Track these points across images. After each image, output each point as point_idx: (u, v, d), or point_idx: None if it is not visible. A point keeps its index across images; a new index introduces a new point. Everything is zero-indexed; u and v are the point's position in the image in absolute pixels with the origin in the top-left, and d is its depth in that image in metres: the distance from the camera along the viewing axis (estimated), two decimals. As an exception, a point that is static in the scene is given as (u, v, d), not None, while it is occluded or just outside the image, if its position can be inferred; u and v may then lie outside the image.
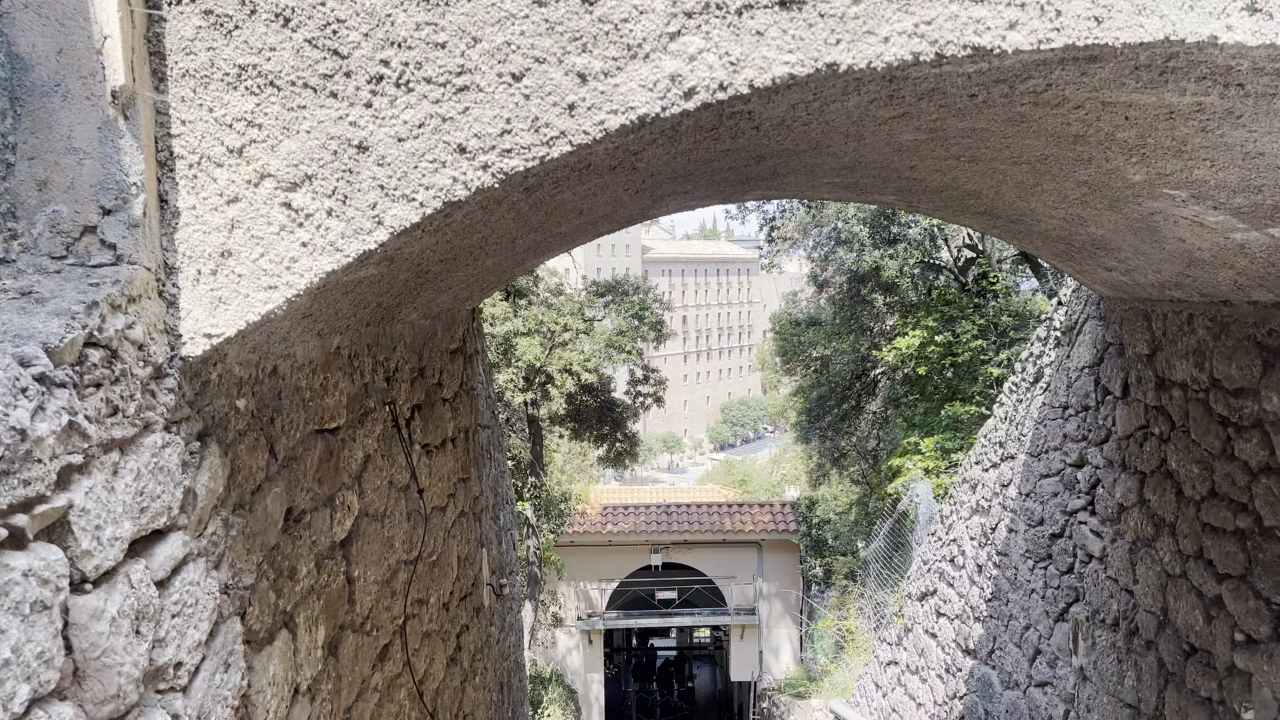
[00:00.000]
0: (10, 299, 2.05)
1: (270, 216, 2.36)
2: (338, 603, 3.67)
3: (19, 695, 1.73)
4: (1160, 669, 6.13)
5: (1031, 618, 8.11)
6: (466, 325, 6.70)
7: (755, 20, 2.28)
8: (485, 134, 2.34)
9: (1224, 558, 5.43)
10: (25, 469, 1.78)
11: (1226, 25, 2.27)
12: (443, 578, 5.63)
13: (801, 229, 21.49)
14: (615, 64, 2.31)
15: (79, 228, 2.21)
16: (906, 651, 11.58)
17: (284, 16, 2.30)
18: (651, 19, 2.29)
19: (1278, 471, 5.00)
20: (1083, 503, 7.20)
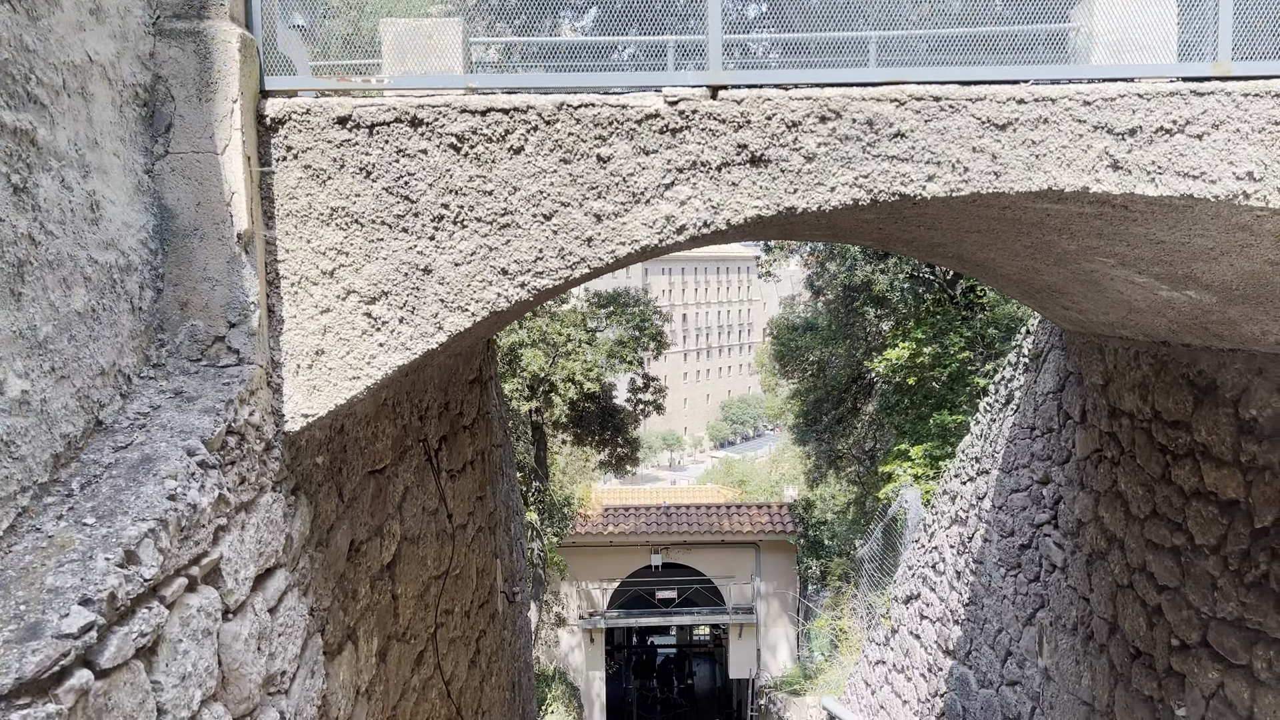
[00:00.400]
0: (168, 398, 2.73)
1: (354, 323, 3.04)
2: (386, 617, 4.35)
3: (195, 699, 2.42)
4: (1111, 670, 6.82)
5: (1003, 621, 8.80)
6: (483, 355, 7.38)
7: (731, 174, 2.96)
8: (523, 260, 3.02)
9: (1163, 571, 6.12)
10: (195, 533, 2.47)
11: (1096, 179, 2.95)
12: (464, 588, 6.32)
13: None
14: (623, 207, 2.99)
15: (211, 338, 2.89)
16: (893, 651, 12.28)
17: (366, 170, 2.98)
18: (651, 173, 2.97)
19: (1207, 496, 5.69)
20: (1047, 517, 7.89)
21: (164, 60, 2.80)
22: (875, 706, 12.90)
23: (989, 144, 2.91)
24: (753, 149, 2.95)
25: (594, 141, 2.95)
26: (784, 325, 28.63)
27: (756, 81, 2.96)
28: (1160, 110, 2.91)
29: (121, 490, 2.34)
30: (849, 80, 2.93)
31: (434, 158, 2.96)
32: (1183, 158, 2.92)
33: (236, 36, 2.84)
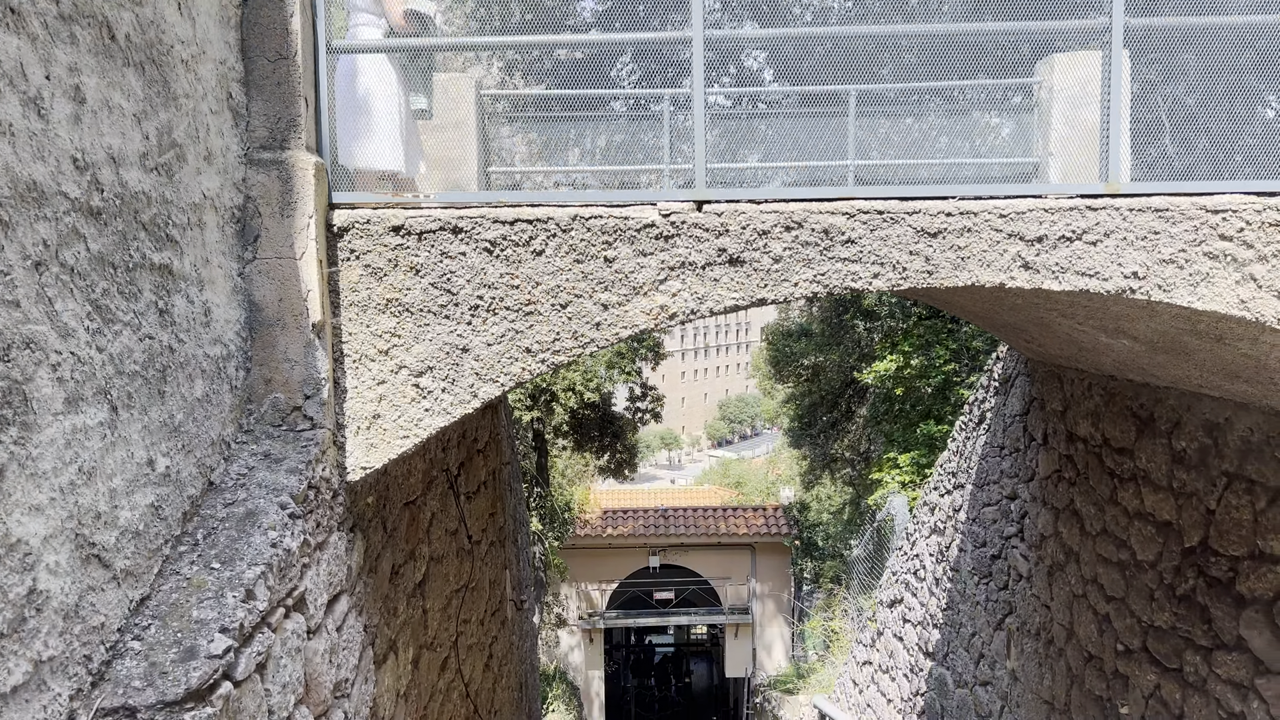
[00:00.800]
0: (259, 460, 3.41)
1: (405, 393, 3.72)
2: (418, 629, 5.04)
3: (290, 702, 3.10)
4: (1068, 672, 7.52)
5: (977, 626, 9.50)
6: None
7: (714, 272, 3.65)
8: (543, 341, 3.70)
9: (1110, 583, 6.82)
10: (289, 572, 3.15)
11: (1010, 277, 3.63)
12: (480, 599, 7.01)
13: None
14: (626, 298, 3.67)
15: (290, 408, 3.57)
16: (879, 653, 12.98)
17: (415, 269, 3.66)
18: (648, 271, 3.65)
19: (1146, 517, 6.38)
20: (1015, 530, 8.58)
21: (253, 184, 3.47)
22: (863, 705, 13.60)
23: (923, 248, 3.60)
24: (731, 252, 3.64)
25: (602, 245, 3.64)
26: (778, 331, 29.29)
27: (734, 197, 3.64)
28: (1062, 222, 3.59)
29: (235, 540, 3.02)
30: (809, 196, 3.62)
31: (471, 259, 3.64)
32: (1080, 260, 3.61)
33: (311, 163, 3.52)
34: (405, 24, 4.51)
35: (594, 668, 27.53)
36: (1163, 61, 5.53)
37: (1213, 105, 6.11)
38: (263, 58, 3.46)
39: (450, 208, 3.67)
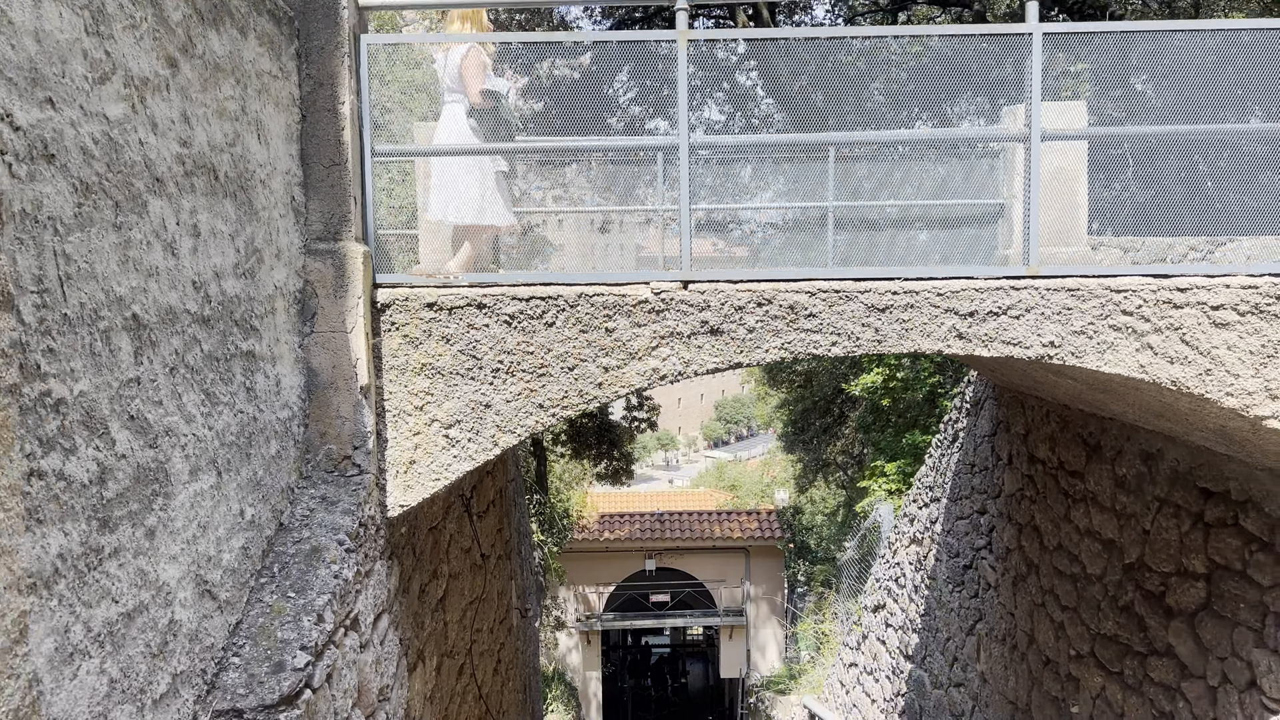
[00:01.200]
0: (318, 502, 4.10)
1: (437, 442, 4.41)
2: (441, 639, 5.73)
3: (348, 705, 3.79)
4: (1029, 674, 8.23)
5: (951, 631, 10.21)
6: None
7: (697, 340, 4.34)
8: (553, 398, 4.40)
9: (1065, 594, 7.53)
10: (347, 598, 3.84)
11: (946, 345, 4.33)
12: (490, 609, 7.70)
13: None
14: (623, 361, 4.36)
15: (342, 457, 4.26)
16: (864, 655, 13.69)
17: (446, 338, 4.35)
18: (642, 339, 4.35)
19: (1094, 534, 7.09)
20: (984, 542, 9.29)
21: (311, 270, 4.17)
22: (849, 705, 14.31)
23: (873, 321, 4.29)
24: (712, 324, 4.33)
25: (603, 318, 4.33)
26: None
27: (714, 278, 4.34)
28: (990, 299, 4.29)
29: (305, 572, 3.71)
30: (777, 277, 4.31)
31: (493, 330, 4.34)
32: (1006, 331, 4.31)
33: (360, 251, 4.22)
34: (483, 100, 5.29)
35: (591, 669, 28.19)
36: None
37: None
38: (319, 164, 4.15)
39: (475, 286, 4.36)
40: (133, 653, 2.65)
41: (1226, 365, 4.25)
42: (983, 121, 11.45)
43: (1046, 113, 8.57)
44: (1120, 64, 7.92)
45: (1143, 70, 9.28)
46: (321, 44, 4.10)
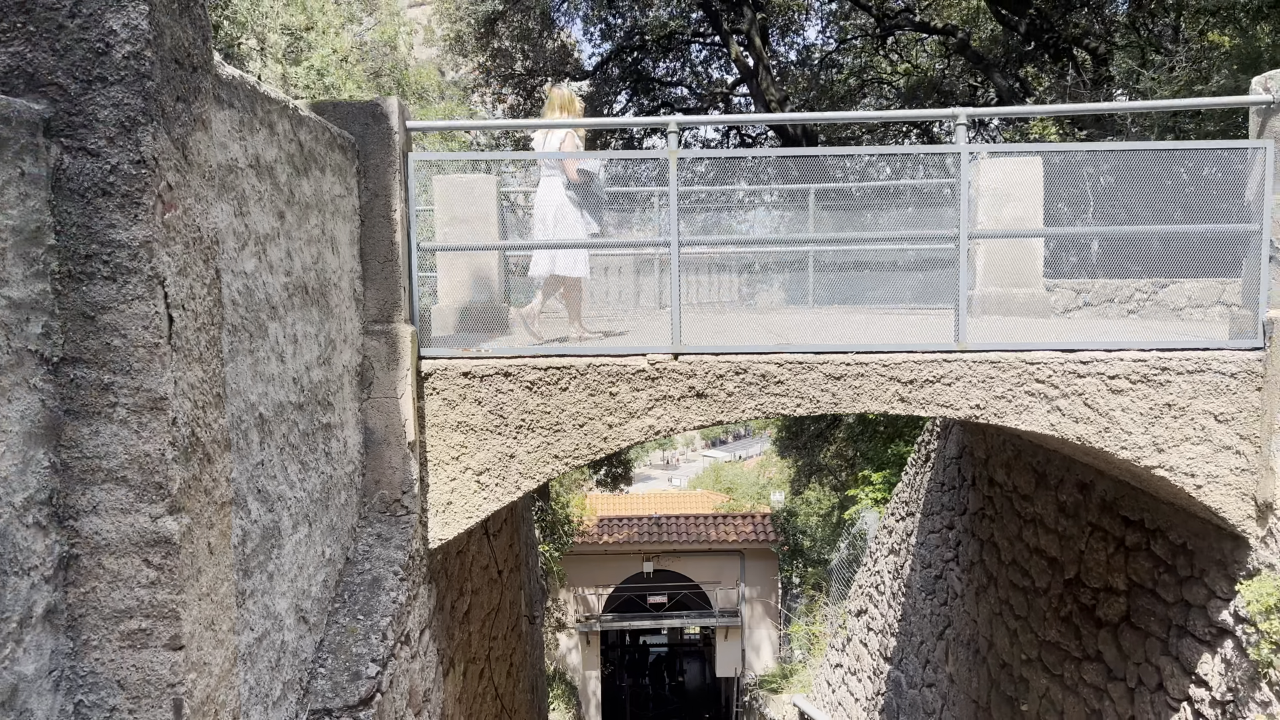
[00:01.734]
0: (375, 539, 5.03)
1: (470, 486, 5.34)
2: (466, 648, 6.66)
3: (403, 706, 4.72)
4: (989, 676, 9.17)
5: (924, 636, 11.15)
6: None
7: (686, 403, 5.28)
8: (567, 449, 5.33)
9: (1017, 604, 8.47)
10: (401, 618, 4.78)
11: (891, 407, 5.27)
12: (504, 618, 8.64)
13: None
14: (624, 420, 5.30)
15: (393, 500, 5.19)
16: (848, 657, 14.64)
17: (478, 400, 5.28)
18: (640, 401, 5.28)
19: (1040, 552, 8.02)
20: (952, 555, 10.23)
21: (369, 348, 5.10)
22: (835, 704, 15.27)
23: (830, 387, 5.23)
24: (697, 389, 5.27)
25: (608, 384, 5.27)
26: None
27: (700, 350, 5.27)
28: (927, 369, 5.22)
29: (369, 599, 4.65)
30: (751, 350, 5.25)
31: (517, 394, 5.27)
32: (940, 395, 5.24)
33: (408, 331, 5.15)
34: (577, 178, 6.40)
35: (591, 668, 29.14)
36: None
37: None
38: (375, 261, 5.08)
39: (501, 358, 5.30)
40: (260, 668, 3.58)
41: (1121, 424, 5.19)
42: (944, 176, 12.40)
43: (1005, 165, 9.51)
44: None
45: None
46: (377, 163, 5.03)
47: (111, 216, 2.20)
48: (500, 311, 8.40)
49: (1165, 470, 5.24)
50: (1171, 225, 6.02)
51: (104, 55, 2.16)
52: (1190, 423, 5.17)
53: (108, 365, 2.24)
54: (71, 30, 2.15)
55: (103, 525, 2.27)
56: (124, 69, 2.17)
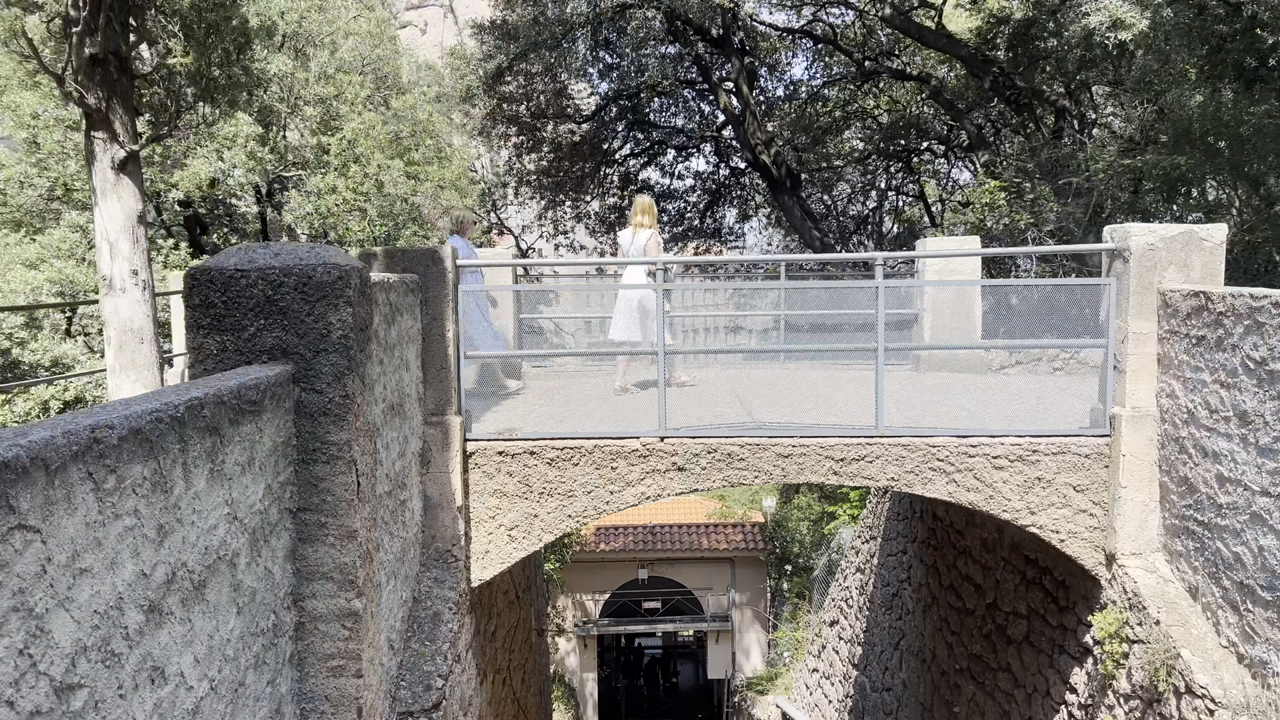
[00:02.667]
0: (434, 582, 6.67)
1: (502, 539, 6.99)
2: (494, 660, 8.30)
3: (457, 711, 6.37)
4: (932, 682, 10.84)
5: (884, 646, 12.81)
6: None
7: (669, 475, 6.93)
8: (577, 510, 6.98)
9: (954, 622, 10.13)
10: (456, 642, 6.42)
11: (825, 479, 6.92)
12: (520, 633, 10.28)
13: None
14: (621, 488, 6.95)
15: (445, 551, 6.83)
16: (823, 662, 16.30)
17: (510, 473, 6.93)
18: (635, 473, 6.93)
19: (969, 579, 9.68)
20: (905, 576, 11.89)
21: (428, 435, 6.73)
22: (812, 705, 16.93)
23: (780, 463, 6.88)
24: (679, 464, 6.91)
25: (610, 460, 6.91)
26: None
27: (681, 435, 6.92)
28: (854, 449, 6.87)
29: (432, 629, 6.29)
30: (720, 434, 6.89)
31: (540, 468, 6.92)
32: (864, 470, 6.89)
33: (457, 422, 6.79)
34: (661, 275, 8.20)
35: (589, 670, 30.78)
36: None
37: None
38: (433, 369, 6.72)
39: (528, 439, 6.94)
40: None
41: (1003, 493, 6.85)
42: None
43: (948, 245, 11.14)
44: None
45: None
46: (435, 295, 6.66)
47: (328, 427, 3.81)
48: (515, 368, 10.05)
49: (1037, 528, 6.90)
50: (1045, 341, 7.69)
51: (326, 336, 3.77)
52: (1055, 492, 6.83)
53: (323, 511, 3.86)
54: (308, 323, 3.76)
55: (319, 606, 3.89)
56: (337, 343, 3.79)
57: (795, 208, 21.19)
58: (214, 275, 3.73)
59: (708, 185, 27.59)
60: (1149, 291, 6.54)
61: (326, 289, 3.78)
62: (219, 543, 3.12)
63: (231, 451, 3.20)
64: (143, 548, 2.60)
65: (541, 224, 24.84)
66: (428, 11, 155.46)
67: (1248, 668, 5.58)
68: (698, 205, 28.20)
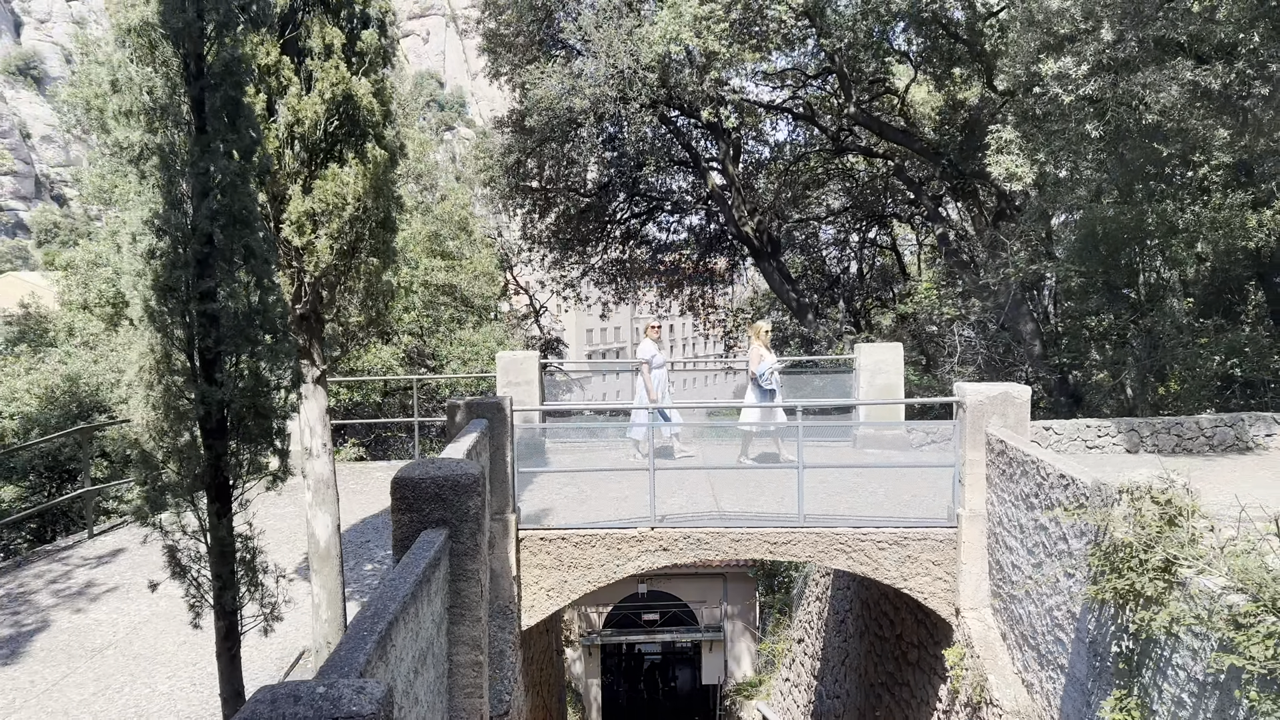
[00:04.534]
0: (497, 628, 9.99)
1: (543, 598, 10.33)
2: (533, 678, 11.61)
3: (516, 715, 9.71)
4: (865, 693, 14.16)
5: (835, 662, 16.13)
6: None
7: (657, 554, 10.27)
8: (594, 578, 10.31)
9: (877, 647, 13.47)
10: (514, 671, 9.76)
11: (763, 556, 10.26)
12: (547, 652, 13.60)
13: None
14: (623, 563, 10.29)
15: (504, 606, 10.16)
16: (793, 673, 19.63)
17: (548, 552, 10.27)
18: (633, 552, 10.28)
19: (885, 615, 13.00)
20: (849, 607, 15.21)
21: (493, 528, 10.06)
22: (785, 709, 20.27)
23: (733, 545, 10.20)
24: (664, 546, 10.25)
25: (616, 544, 10.25)
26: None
27: (666, 525, 10.26)
28: (783, 536, 10.19)
29: (501, 661, 9.62)
30: (693, 525, 10.23)
31: (568, 548, 10.25)
32: (790, 549, 10.21)
33: (513, 518, 10.12)
34: (761, 375, 11.32)
35: (593, 677, 34.12)
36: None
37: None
38: (496, 480, 10.04)
39: (562, 529, 10.27)
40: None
41: (884, 566, 10.17)
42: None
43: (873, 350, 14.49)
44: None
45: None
46: (498, 429, 9.98)
47: (466, 562, 7.09)
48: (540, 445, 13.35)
49: (909, 590, 10.22)
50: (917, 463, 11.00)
51: (466, 512, 7.06)
52: (920, 565, 10.15)
53: (463, 606, 7.15)
54: (456, 505, 7.05)
55: (460, 659, 7.16)
56: (472, 517, 7.07)
57: (775, 273, 24.49)
58: (408, 481, 7.06)
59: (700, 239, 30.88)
60: (980, 431, 9.86)
61: (466, 487, 7.10)
62: (429, 633, 6.44)
63: (432, 584, 6.51)
64: (412, 643, 5.90)
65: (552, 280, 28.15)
66: (430, 21, 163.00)
67: (1025, 688, 8.90)
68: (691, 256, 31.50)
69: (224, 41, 5.58)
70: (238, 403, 5.88)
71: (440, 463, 7.29)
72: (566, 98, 19.88)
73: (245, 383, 5.90)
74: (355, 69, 8.12)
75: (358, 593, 10.02)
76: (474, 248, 18.88)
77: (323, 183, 7.87)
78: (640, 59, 19.15)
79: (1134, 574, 6.30)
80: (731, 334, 32.74)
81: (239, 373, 5.91)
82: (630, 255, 30.48)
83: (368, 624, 5.15)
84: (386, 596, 5.57)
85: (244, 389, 5.90)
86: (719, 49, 18.78)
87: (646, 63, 19.06)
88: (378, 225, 8.27)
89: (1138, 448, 14.24)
